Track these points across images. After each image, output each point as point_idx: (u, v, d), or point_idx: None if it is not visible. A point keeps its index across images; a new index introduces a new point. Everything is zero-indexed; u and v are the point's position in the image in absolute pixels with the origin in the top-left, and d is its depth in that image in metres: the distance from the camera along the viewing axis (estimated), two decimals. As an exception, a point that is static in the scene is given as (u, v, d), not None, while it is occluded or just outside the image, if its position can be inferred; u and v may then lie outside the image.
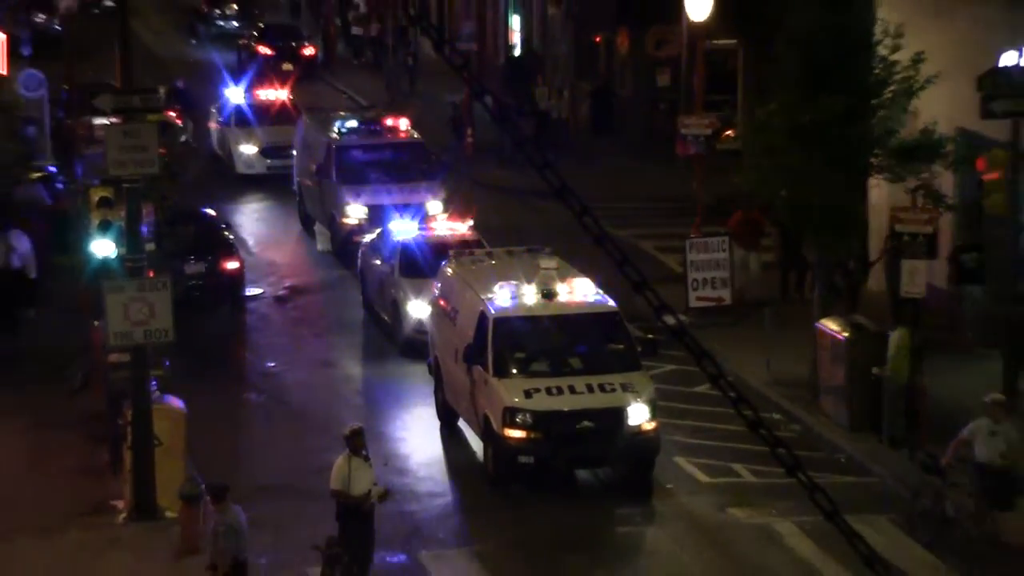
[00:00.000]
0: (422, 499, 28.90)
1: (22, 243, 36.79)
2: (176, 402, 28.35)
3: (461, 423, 30.95)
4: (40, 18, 72.17)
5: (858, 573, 23.39)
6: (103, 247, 31.00)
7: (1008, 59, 30.46)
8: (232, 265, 38.73)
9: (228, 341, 36.98)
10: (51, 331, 35.61)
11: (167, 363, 29.65)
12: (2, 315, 34.35)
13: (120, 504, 28.00)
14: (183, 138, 54.23)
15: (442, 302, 32.22)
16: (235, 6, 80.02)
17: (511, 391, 28.48)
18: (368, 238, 39.37)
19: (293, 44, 69.63)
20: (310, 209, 45.91)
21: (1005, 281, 30.72)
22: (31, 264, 36.76)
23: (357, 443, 25.00)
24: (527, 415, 28.20)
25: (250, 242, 44.72)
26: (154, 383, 27.91)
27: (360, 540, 24.65)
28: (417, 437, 31.82)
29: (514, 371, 28.91)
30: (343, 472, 24.66)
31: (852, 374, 30.42)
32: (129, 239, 29.34)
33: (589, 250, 31.36)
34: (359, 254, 39.59)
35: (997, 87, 29.52)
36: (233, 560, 23.16)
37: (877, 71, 33.72)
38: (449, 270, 32.76)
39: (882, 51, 33.77)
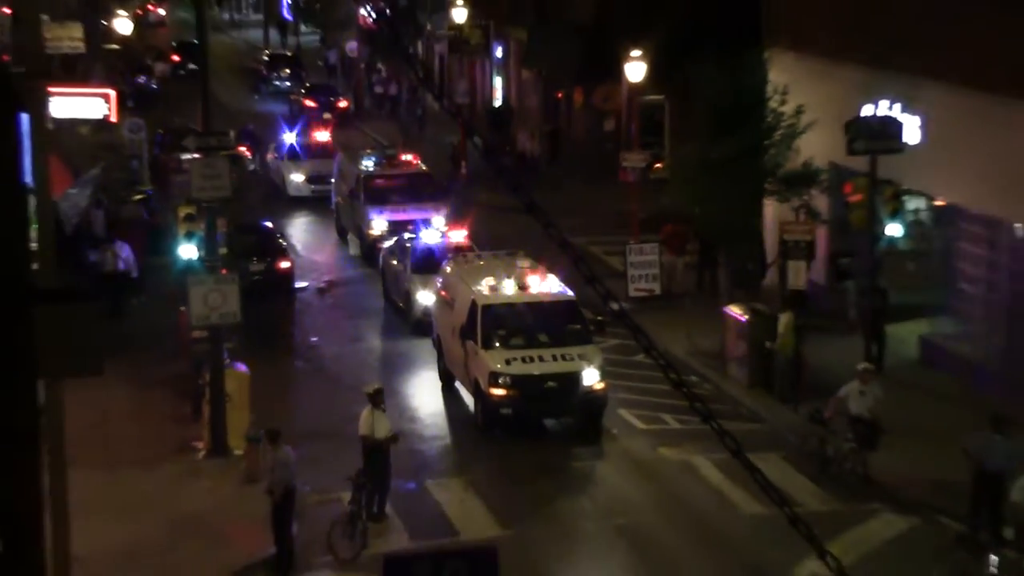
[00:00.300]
0: (427, 441, 28.87)
1: (124, 250, 37.09)
2: (242, 367, 28.37)
3: (457, 384, 30.86)
4: (141, 79, 72.24)
5: (757, 497, 23.41)
6: (188, 251, 30.96)
7: (867, 110, 30.44)
8: (285, 264, 38.75)
9: (281, 322, 36.86)
10: (149, 315, 35.62)
11: (236, 337, 29.60)
12: (112, 305, 34.31)
13: (200, 444, 28.02)
14: (251, 167, 54.38)
15: (443, 293, 32.12)
16: (287, 71, 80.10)
17: (494, 359, 28.39)
18: (387, 244, 39.34)
19: (331, 99, 69.58)
20: (344, 222, 45.85)
21: (866, 278, 30.72)
22: (132, 266, 36.96)
23: (378, 399, 25.04)
24: (507, 378, 28.14)
25: (298, 247, 44.61)
26: (226, 353, 27.90)
27: (381, 472, 24.67)
28: (424, 395, 31.72)
29: (497, 344, 28.79)
30: (368, 421, 24.69)
31: (751, 347, 30.44)
32: (207, 245, 29.39)
33: (553, 253, 31.21)
34: (380, 256, 39.54)
35: (858, 131, 29.48)
36: (284, 487, 23.09)
37: (768, 119, 33.78)
38: (448, 268, 32.66)
39: (772, 104, 33.86)
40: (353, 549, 23.24)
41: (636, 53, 43.41)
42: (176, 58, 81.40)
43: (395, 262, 37.66)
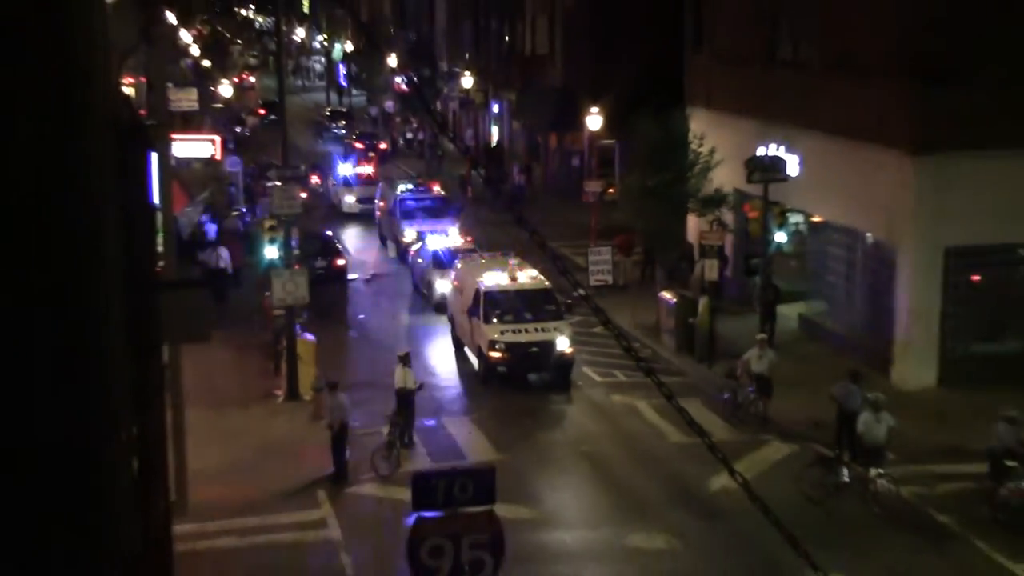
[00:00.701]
0: (443, 389, 28.80)
1: (224, 253, 37.05)
2: (310, 336, 28.30)
3: (465, 349, 30.79)
4: (238, 129, 72.02)
5: (682, 431, 23.35)
6: (271, 252, 30.88)
7: (760, 151, 30.45)
8: (341, 262, 38.67)
9: (338, 303, 36.76)
10: (242, 299, 35.59)
11: (305, 315, 29.52)
12: (216, 292, 34.29)
13: (279, 392, 27.98)
14: (320, 190, 54.36)
15: (455, 282, 32.08)
16: (343, 122, 79.98)
17: (493, 331, 28.35)
18: (415, 247, 39.30)
19: (374, 142, 69.41)
20: (384, 232, 45.77)
21: (763, 275, 30.76)
22: (228, 265, 36.84)
23: (407, 359, 25.11)
24: (501, 344, 28.11)
25: (351, 249, 44.46)
26: (298, 326, 27.85)
27: (409, 412, 24.67)
28: (440, 356, 31.64)
29: (494, 320, 28.74)
30: (400, 375, 24.72)
31: (678, 322, 30.42)
32: (285, 247, 29.31)
33: (535, 253, 31.00)
34: (410, 257, 39.50)
35: (755, 166, 29.50)
36: (340, 423, 23.07)
37: (690, 158, 33.82)
38: (459, 264, 32.63)
39: (692, 147, 33.87)
40: (390, 468, 23.22)
41: (594, 109, 43.48)
42: (262, 112, 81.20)
43: (420, 260, 37.65)
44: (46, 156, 2.49)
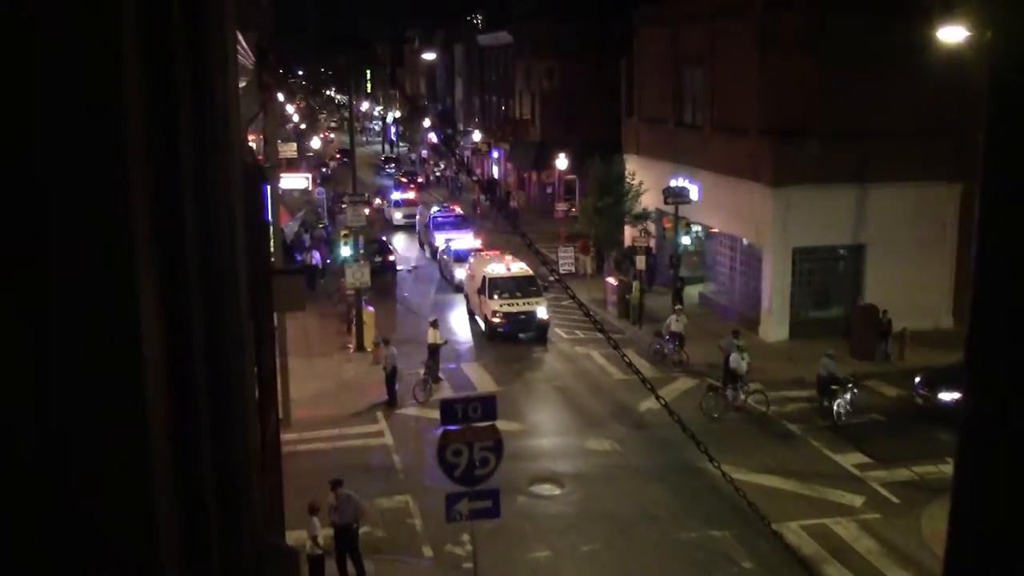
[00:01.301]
0: (460, 344, 28.66)
1: (314, 253, 36.70)
2: (371, 308, 28.20)
3: (476, 317, 30.71)
4: (323, 169, 71.47)
5: (621, 369, 23.36)
6: (345, 251, 30.74)
7: (672, 183, 30.39)
8: (392, 258, 38.43)
9: (390, 286, 36.59)
10: (326, 284, 35.43)
11: (368, 294, 29.38)
12: (309, 280, 34.09)
13: (350, 346, 27.86)
14: (380, 209, 54.06)
15: (469, 271, 31.94)
16: (393, 164, 79.52)
17: (494, 304, 28.25)
18: (442, 248, 39.11)
19: (414, 177, 68.96)
20: (422, 239, 45.43)
21: (674, 269, 30.69)
22: (318, 262, 36.60)
23: (436, 324, 24.96)
24: (500, 313, 28.04)
25: (399, 249, 44.21)
26: (363, 301, 27.71)
27: (436, 359, 24.56)
28: (458, 322, 31.48)
29: (495, 296, 28.66)
30: (431, 334, 24.60)
31: (619, 298, 30.37)
32: (354, 248, 29.13)
33: (525, 252, 30.68)
34: (439, 255, 39.32)
35: (669, 193, 29.47)
36: (392, 367, 23.04)
37: (625, 187, 33.69)
38: (472, 259, 32.53)
39: (627, 180, 33.76)
40: (425, 396, 23.23)
41: (562, 155, 43.35)
42: (339, 158, 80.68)
43: (446, 257, 37.45)
44: (203, 185, 2.52)
